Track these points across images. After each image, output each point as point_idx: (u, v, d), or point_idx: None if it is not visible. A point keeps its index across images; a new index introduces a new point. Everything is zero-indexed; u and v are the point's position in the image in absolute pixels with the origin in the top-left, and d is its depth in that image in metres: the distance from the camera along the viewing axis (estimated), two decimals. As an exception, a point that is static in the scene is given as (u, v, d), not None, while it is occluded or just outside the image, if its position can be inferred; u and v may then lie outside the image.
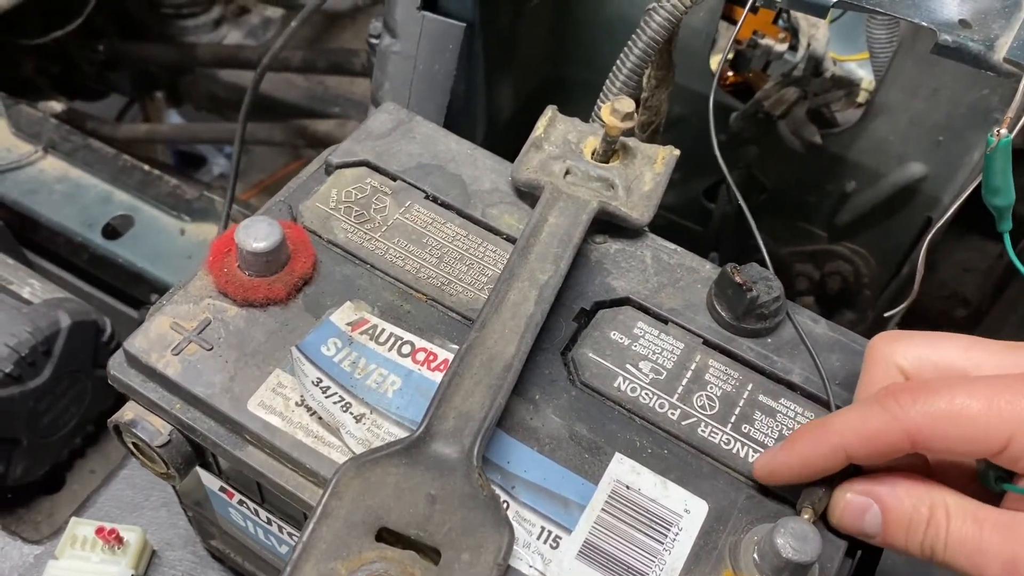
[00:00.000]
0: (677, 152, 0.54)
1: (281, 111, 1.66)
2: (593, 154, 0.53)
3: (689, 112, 0.84)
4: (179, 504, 0.59)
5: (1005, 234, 0.47)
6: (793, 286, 0.91)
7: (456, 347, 0.44)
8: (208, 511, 0.56)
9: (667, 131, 0.92)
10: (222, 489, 0.50)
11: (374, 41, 0.89)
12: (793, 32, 0.84)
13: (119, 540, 0.60)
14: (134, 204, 0.96)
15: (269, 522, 0.49)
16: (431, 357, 0.44)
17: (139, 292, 0.93)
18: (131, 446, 0.46)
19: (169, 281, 0.89)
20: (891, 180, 0.80)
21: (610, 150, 0.52)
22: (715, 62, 0.89)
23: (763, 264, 0.51)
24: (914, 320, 0.88)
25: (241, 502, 0.50)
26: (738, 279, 0.45)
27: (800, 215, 0.88)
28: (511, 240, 0.50)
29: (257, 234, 0.45)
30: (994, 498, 0.38)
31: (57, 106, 1.38)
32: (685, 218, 0.94)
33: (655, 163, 0.53)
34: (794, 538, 0.38)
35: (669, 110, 0.81)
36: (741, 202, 0.59)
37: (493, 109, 0.77)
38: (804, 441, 0.39)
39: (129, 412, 0.45)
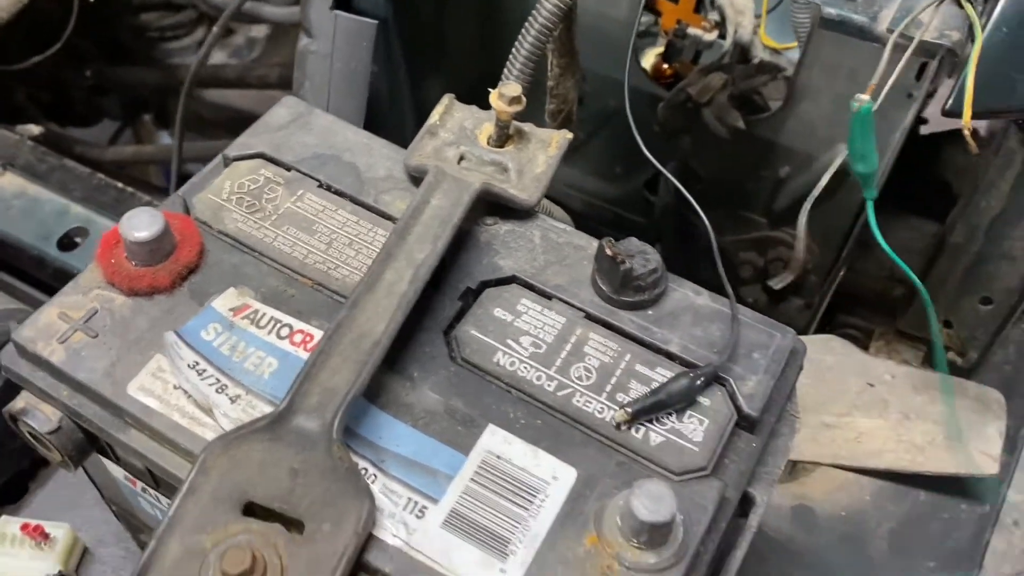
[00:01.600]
0: (570, 136, 0.55)
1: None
2: (488, 140, 0.54)
3: (618, 104, 0.84)
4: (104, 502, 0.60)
5: (869, 202, 0.48)
6: (738, 274, 0.92)
7: (334, 327, 0.45)
8: (127, 504, 0.57)
9: (604, 125, 0.93)
10: (127, 477, 0.51)
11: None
12: (721, 21, 0.85)
13: (45, 536, 0.61)
14: (90, 217, 0.98)
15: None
16: (308, 338, 0.45)
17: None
18: (27, 435, 0.47)
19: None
20: (822, 163, 0.80)
21: (503, 135, 0.53)
22: (650, 56, 0.90)
23: (710, 250, 0.51)
24: (854, 301, 0.89)
25: (144, 489, 0.51)
26: (610, 252, 0.46)
27: (739, 203, 0.88)
28: (402, 225, 0.51)
29: (139, 224, 0.46)
30: None
31: (35, 129, 1.41)
32: (629, 211, 0.95)
33: (549, 147, 0.54)
34: (649, 499, 0.38)
35: (604, 104, 0.82)
36: (681, 188, 0.60)
37: (422, 107, 0.78)
38: None
39: (21, 401, 0.46)
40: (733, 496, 0.43)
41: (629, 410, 0.42)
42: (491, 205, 0.52)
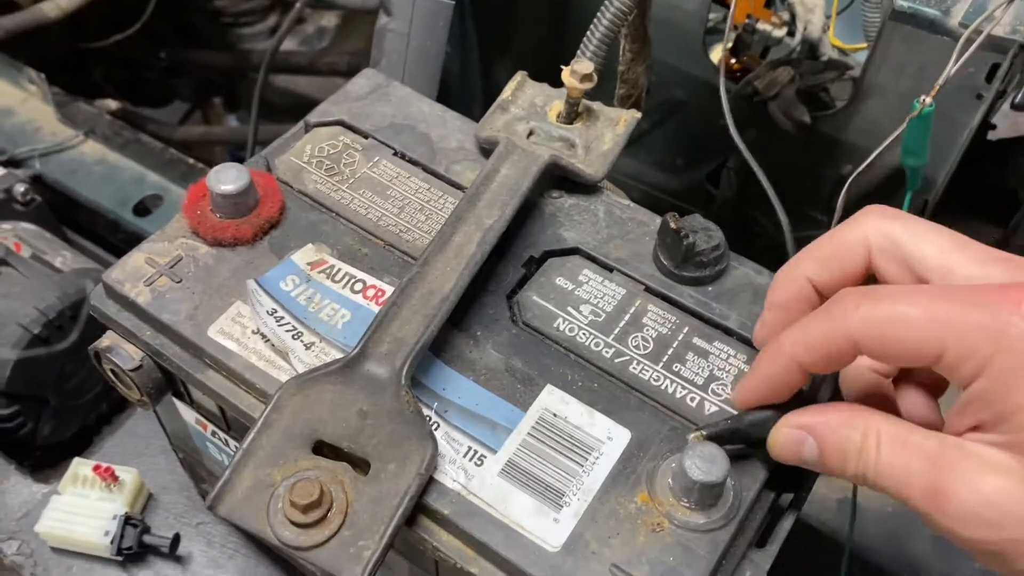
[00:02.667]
0: (638, 115, 0.56)
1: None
2: (558, 116, 0.55)
3: (688, 97, 0.86)
4: (171, 446, 0.63)
5: (909, 192, 0.49)
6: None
7: (404, 285, 0.47)
8: (194, 451, 0.60)
9: (670, 116, 0.94)
10: (198, 421, 0.54)
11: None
12: (791, 18, 0.85)
13: (114, 478, 0.64)
14: (165, 185, 1.02)
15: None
16: (380, 293, 0.48)
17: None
18: (109, 373, 0.50)
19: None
20: (886, 162, 0.80)
21: (573, 112, 0.55)
22: (717, 51, 0.91)
23: (768, 247, 0.52)
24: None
25: (214, 433, 0.53)
26: (674, 226, 0.47)
27: (800, 200, 0.88)
28: (471, 194, 0.53)
29: (226, 178, 0.48)
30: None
31: (113, 104, 1.46)
32: (688, 203, 0.96)
33: (617, 125, 0.55)
34: (701, 459, 0.39)
35: (670, 95, 0.83)
36: (762, 178, 0.61)
37: (492, 87, 0.80)
38: (762, 362, 0.40)
39: (107, 340, 0.49)
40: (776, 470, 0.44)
41: (703, 433, 0.42)
42: (557, 179, 0.53)
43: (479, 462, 0.42)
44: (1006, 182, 0.88)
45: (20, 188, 0.95)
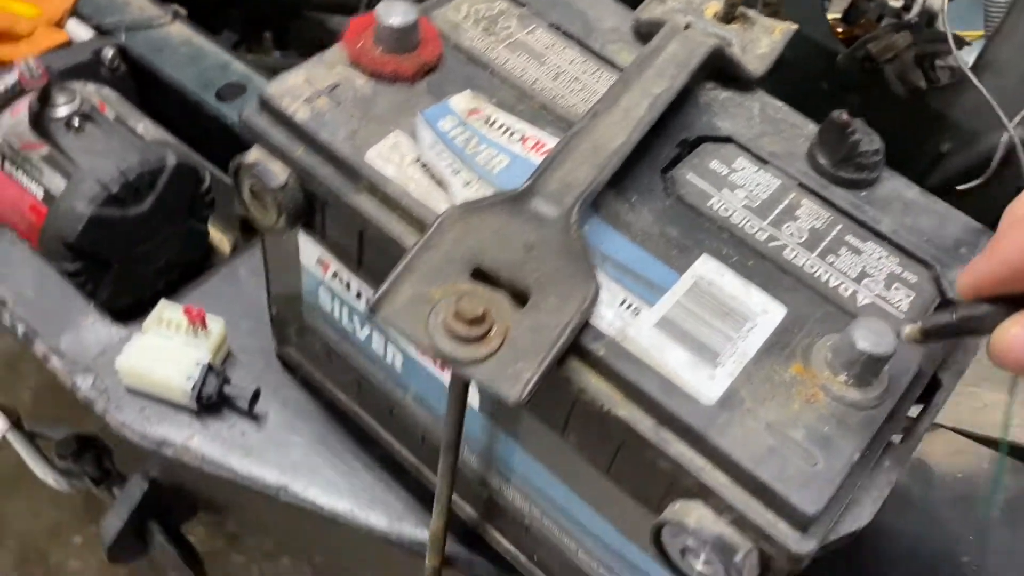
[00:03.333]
0: (795, 27, 0.56)
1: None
2: (714, 16, 0.55)
3: (793, 55, 0.85)
4: (266, 302, 0.63)
5: None
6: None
7: (565, 140, 0.46)
8: (294, 303, 0.59)
9: (769, 73, 0.93)
10: (319, 262, 0.53)
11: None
12: (912, -10, 0.85)
13: (204, 324, 0.63)
14: (249, 75, 1.01)
15: (359, 295, 0.52)
16: (540, 144, 0.47)
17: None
18: (247, 191, 0.49)
19: (270, 147, 0.94)
20: (986, 143, 0.80)
21: (731, 13, 0.54)
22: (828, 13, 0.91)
23: None
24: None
25: (335, 274, 0.52)
26: (844, 119, 0.47)
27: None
28: (626, 73, 0.52)
29: (396, 11, 0.48)
30: None
31: (182, 10, 1.45)
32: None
33: (773, 33, 0.55)
34: (871, 331, 0.39)
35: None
36: None
37: None
38: (1006, 241, 0.34)
39: (253, 155, 0.48)
40: (927, 370, 0.44)
41: (920, 327, 0.38)
42: (714, 72, 0.53)
43: (635, 313, 0.42)
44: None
45: (109, 53, 0.94)
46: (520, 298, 0.40)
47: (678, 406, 0.39)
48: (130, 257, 0.89)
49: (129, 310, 0.93)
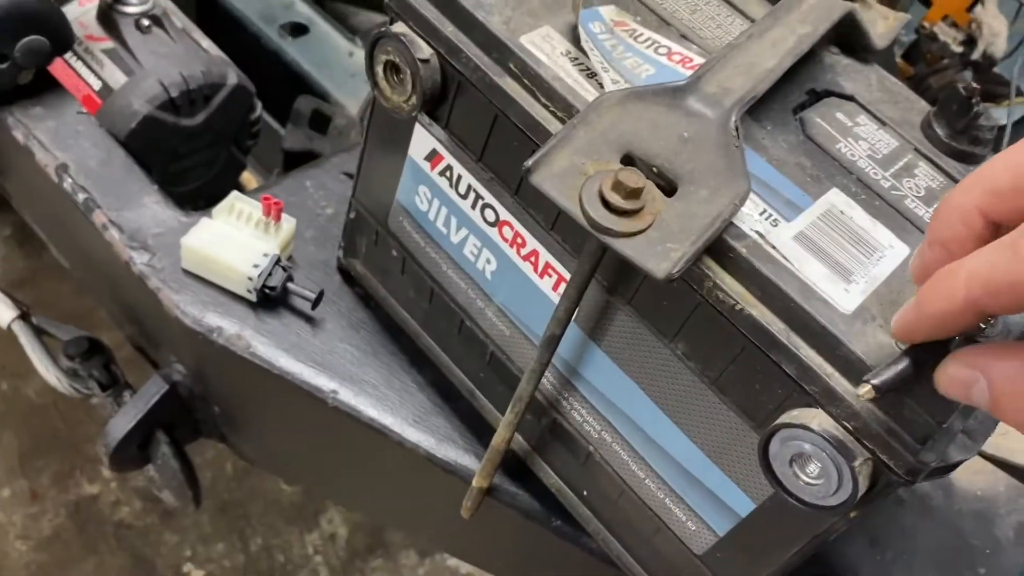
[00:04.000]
0: (908, 17, 0.58)
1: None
2: (836, -5, 0.57)
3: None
4: (338, 216, 0.62)
5: None
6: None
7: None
8: (382, 204, 0.58)
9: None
10: (430, 155, 0.53)
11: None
12: (969, 39, 0.89)
13: (278, 216, 0.62)
14: (312, 17, 1.01)
15: (466, 193, 0.52)
16: (686, 59, 0.48)
17: (293, 96, 0.97)
18: (382, 67, 0.49)
19: (328, 90, 0.93)
20: None
21: (852, -5, 0.56)
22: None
23: None
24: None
25: (445, 170, 0.52)
26: (974, 86, 0.49)
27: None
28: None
29: (562, -86, 0.49)
30: None
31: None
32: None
33: (888, 19, 0.57)
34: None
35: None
36: None
37: None
38: (932, 297, 0.34)
39: (400, 26, 0.48)
40: None
41: (874, 383, 0.37)
42: (837, 39, 0.55)
43: (774, 223, 0.42)
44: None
45: (178, -32, 0.93)
46: (668, 191, 0.41)
47: (815, 309, 0.40)
48: (169, 170, 0.88)
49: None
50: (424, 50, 0.47)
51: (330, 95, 0.94)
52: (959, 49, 0.89)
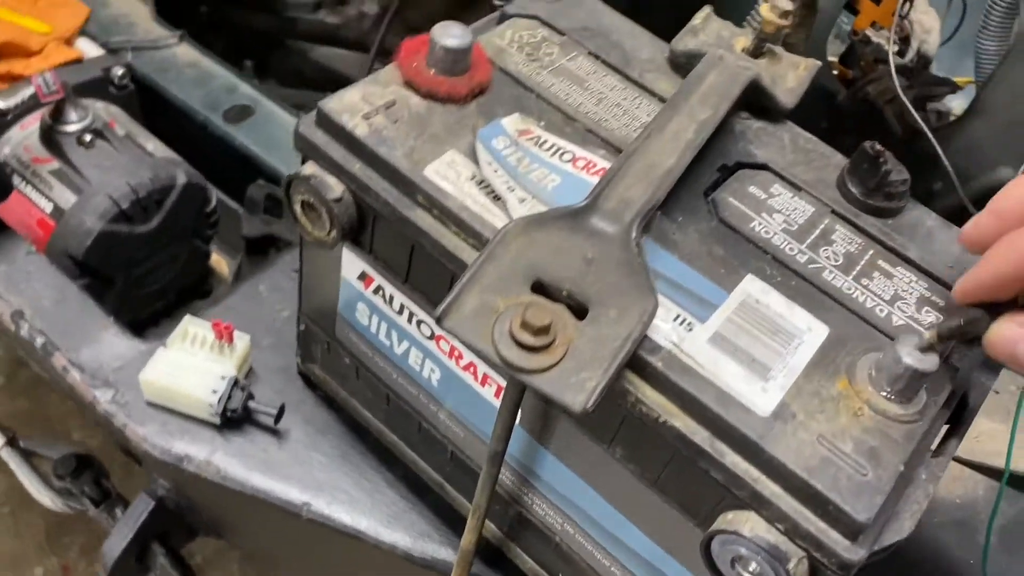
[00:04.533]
0: (819, 63, 0.58)
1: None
2: (743, 50, 0.57)
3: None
4: (290, 324, 0.63)
5: None
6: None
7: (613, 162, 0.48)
8: (327, 319, 0.59)
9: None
10: (361, 276, 0.54)
11: (499, 1, 0.95)
12: (904, 38, 0.89)
13: (230, 339, 0.64)
14: (256, 98, 1.02)
15: (400, 310, 0.53)
16: (590, 164, 0.49)
17: (246, 179, 0.97)
18: (299, 205, 0.50)
19: (279, 170, 0.94)
20: (979, 183, 0.84)
21: (761, 47, 0.57)
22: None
23: None
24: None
25: (377, 289, 0.53)
26: (877, 149, 0.49)
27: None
28: (665, 102, 0.54)
29: (452, 33, 0.49)
30: None
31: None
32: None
33: (799, 69, 0.58)
34: (916, 348, 0.41)
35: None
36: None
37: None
38: (995, 257, 0.41)
39: (309, 168, 0.49)
40: (958, 390, 0.46)
41: (936, 331, 0.43)
42: (746, 104, 0.55)
43: (688, 328, 0.43)
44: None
45: (118, 71, 0.95)
46: (579, 311, 0.42)
47: (734, 417, 0.40)
48: (133, 275, 0.89)
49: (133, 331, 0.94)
50: (335, 189, 0.48)
51: (282, 175, 0.94)
52: (894, 48, 0.89)
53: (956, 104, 0.99)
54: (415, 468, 0.62)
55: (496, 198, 0.46)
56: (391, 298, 0.53)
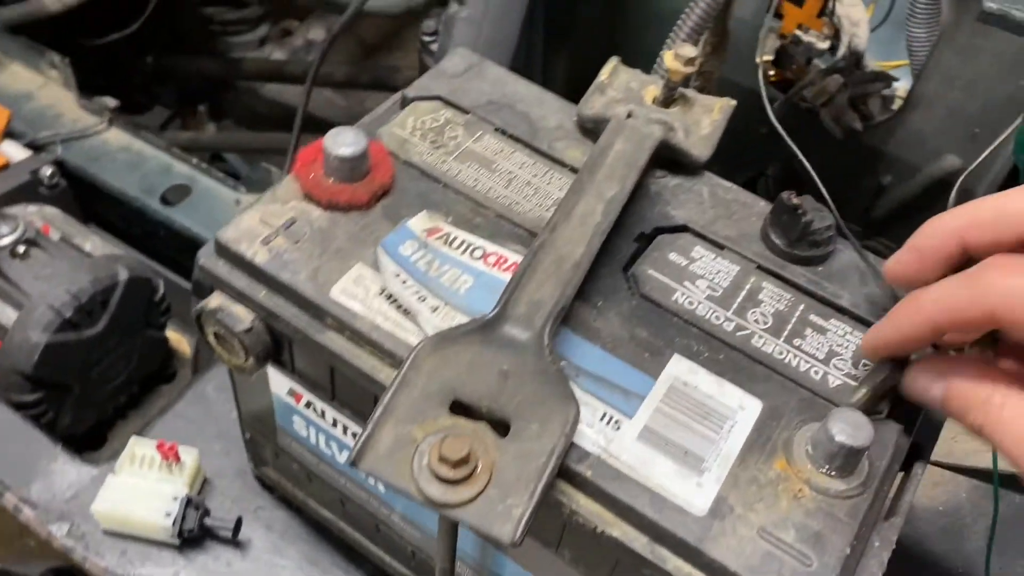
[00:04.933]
0: (733, 103, 0.57)
1: (316, 127, 1.71)
2: (654, 100, 0.56)
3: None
4: (239, 426, 0.62)
5: None
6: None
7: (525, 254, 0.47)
8: (268, 429, 0.58)
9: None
10: (290, 392, 0.52)
11: (427, 38, 0.94)
12: (835, 33, 0.87)
13: (177, 458, 0.62)
14: (192, 175, 1.00)
15: (335, 423, 0.51)
16: (502, 260, 0.47)
17: (191, 260, 0.96)
18: (212, 336, 0.49)
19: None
20: (926, 173, 0.83)
21: (671, 96, 0.55)
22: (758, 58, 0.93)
23: None
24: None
25: (308, 404, 0.52)
26: (795, 201, 0.48)
27: (837, 210, 0.90)
28: (575, 171, 0.53)
29: (345, 141, 0.48)
30: None
31: (111, 102, 1.43)
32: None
33: (713, 112, 0.56)
34: (847, 424, 0.40)
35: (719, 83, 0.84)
36: (812, 174, 0.62)
37: (548, 78, 0.80)
38: (899, 316, 0.42)
39: (215, 300, 0.48)
40: (904, 443, 0.44)
41: (864, 391, 0.44)
42: (660, 160, 0.54)
43: (616, 427, 0.42)
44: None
45: (47, 171, 0.93)
46: (501, 427, 0.40)
47: (670, 521, 0.39)
48: (89, 378, 0.87)
49: (88, 434, 0.92)
50: (244, 320, 0.47)
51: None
52: (825, 46, 0.88)
53: (900, 86, 0.98)
54: (383, 565, 0.61)
55: (407, 312, 0.45)
56: (323, 412, 0.52)
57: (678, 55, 0.53)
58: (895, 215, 0.87)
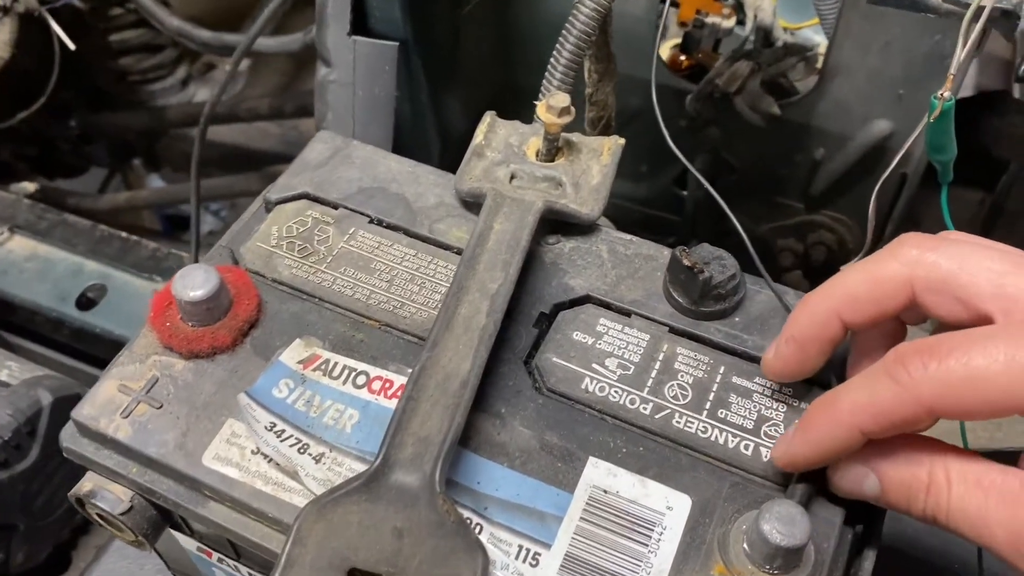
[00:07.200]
0: (622, 141, 0.52)
1: (258, 160, 1.66)
2: (537, 154, 0.51)
3: (646, 103, 0.82)
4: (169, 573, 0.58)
5: (944, 186, 0.46)
6: (778, 262, 0.89)
7: (412, 370, 0.43)
8: (197, 573, 0.54)
9: (627, 125, 0.91)
10: (200, 549, 0.48)
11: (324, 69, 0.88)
12: (739, 7, 0.82)
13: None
14: (106, 272, 0.95)
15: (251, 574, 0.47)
16: (387, 384, 0.43)
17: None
18: (96, 517, 0.45)
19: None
20: (858, 141, 0.78)
21: (553, 148, 0.51)
22: (665, 49, 0.88)
23: (741, 245, 0.49)
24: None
25: (221, 560, 0.48)
26: (687, 262, 0.44)
27: (774, 190, 0.86)
28: (461, 253, 0.49)
29: (194, 283, 0.43)
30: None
31: (30, 186, 1.38)
32: (660, 209, 0.93)
33: (601, 155, 0.52)
34: (780, 522, 0.36)
35: (625, 103, 0.79)
36: (707, 185, 0.58)
37: (445, 126, 0.75)
38: (816, 426, 0.37)
39: (88, 483, 0.43)
40: (847, 531, 0.40)
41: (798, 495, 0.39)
42: (552, 223, 0.49)
43: (534, 562, 0.38)
44: (975, 141, 0.87)
45: (-51, 304, 0.88)
46: (407, 591, 0.36)
47: (605, 666, 0.35)
48: (33, 510, 0.83)
49: (50, 559, 0.88)
50: (122, 500, 0.43)
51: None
52: (731, 24, 0.83)
53: (822, 42, 0.93)
54: None
55: (288, 470, 0.41)
56: (237, 567, 0.47)
57: (551, 107, 0.49)
58: (835, 188, 0.83)
